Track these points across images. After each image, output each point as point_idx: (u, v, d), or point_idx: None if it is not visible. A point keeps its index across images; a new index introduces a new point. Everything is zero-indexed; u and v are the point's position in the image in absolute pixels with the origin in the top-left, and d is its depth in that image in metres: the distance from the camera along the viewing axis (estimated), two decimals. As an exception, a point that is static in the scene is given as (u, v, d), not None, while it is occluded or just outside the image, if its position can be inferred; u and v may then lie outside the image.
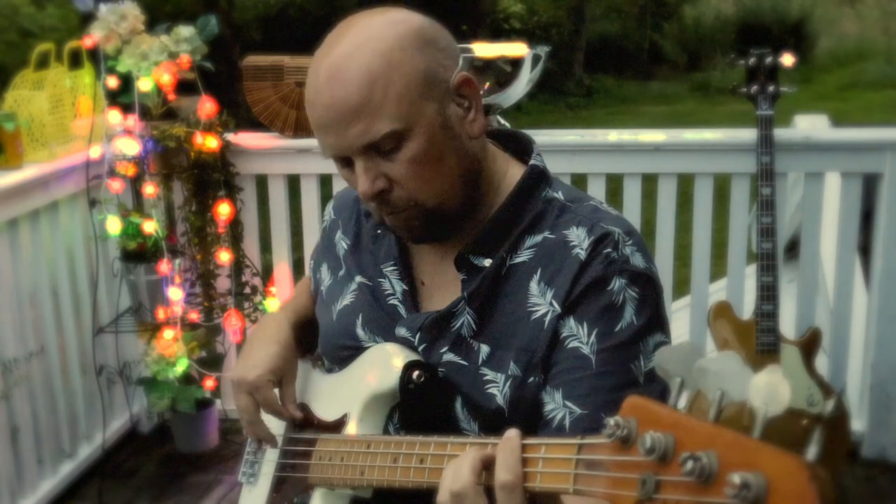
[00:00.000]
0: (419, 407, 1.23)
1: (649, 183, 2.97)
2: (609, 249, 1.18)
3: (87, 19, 2.87)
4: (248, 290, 3.07)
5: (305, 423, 1.39)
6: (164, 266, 2.87)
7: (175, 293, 2.88)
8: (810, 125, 3.86)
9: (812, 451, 0.70)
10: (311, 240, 3.14)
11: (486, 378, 1.20)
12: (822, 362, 2.82)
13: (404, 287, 1.30)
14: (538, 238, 1.23)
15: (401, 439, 1.16)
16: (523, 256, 1.22)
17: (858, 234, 2.90)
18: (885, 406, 2.97)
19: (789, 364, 2.64)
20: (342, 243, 1.43)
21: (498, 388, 1.19)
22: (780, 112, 2.71)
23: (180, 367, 2.93)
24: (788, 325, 2.86)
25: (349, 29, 1.17)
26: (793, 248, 3.28)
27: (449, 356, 1.23)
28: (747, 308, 2.81)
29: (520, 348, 1.19)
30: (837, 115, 5.03)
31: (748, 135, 2.78)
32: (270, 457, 1.43)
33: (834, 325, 2.96)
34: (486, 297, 1.22)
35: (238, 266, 3.03)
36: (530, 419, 1.18)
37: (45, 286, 2.82)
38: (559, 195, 1.26)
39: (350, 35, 1.16)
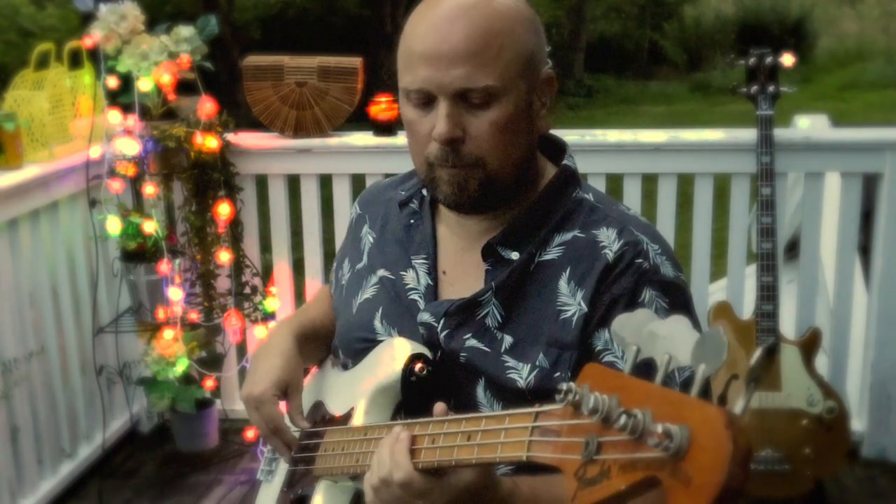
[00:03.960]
0: (422, 399, 1.24)
1: (649, 183, 2.97)
2: (640, 260, 1.21)
3: (87, 19, 2.87)
4: (248, 290, 3.07)
5: (319, 420, 1.41)
6: (164, 266, 2.87)
7: (175, 293, 2.88)
8: (810, 125, 3.85)
9: (738, 405, 0.72)
10: (311, 240, 3.14)
11: (507, 364, 1.23)
12: (822, 362, 2.82)
13: (429, 282, 1.32)
14: (567, 236, 1.26)
15: (392, 424, 1.17)
16: (552, 254, 1.25)
17: (858, 234, 2.91)
18: (885, 406, 2.97)
19: (789, 364, 2.64)
20: (368, 237, 1.44)
21: (519, 374, 1.22)
22: (780, 112, 2.72)
23: (180, 367, 2.93)
24: (788, 325, 2.86)
25: None
26: (793, 248, 3.28)
27: (472, 342, 1.25)
28: (747, 308, 2.82)
29: (548, 344, 1.21)
30: (837, 115, 5.03)
31: (748, 135, 2.78)
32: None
33: (834, 325, 2.96)
34: (513, 290, 1.25)
35: (238, 266, 3.03)
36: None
37: (45, 286, 2.81)
38: (589, 196, 1.30)
39: None
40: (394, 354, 1.27)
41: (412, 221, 1.37)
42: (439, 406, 1.11)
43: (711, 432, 0.69)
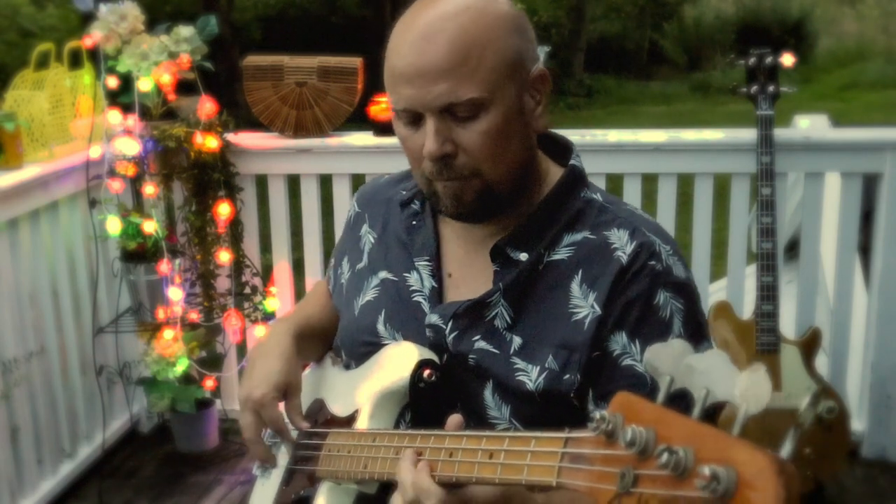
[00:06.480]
0: (429, 405, 1.23)
1: (649, 183, 2.97)
2: (653, 262, 1.21)
3: (87, 19, 2.87)
4: (248, 290, 3.07)
5: (320, 419, 1.40)
6: (164, 266, 2.87)
7: (175, 293, 2.88)
8: (810, 125, 3.85)
9: (786, 449, 0.71)
10: (311, 240, 3.14)
11: (516, 366, 1.22)
12: (822, 362, 2.82)
13: (433, 284, 1.31)
14: (578, 237, 1.25)
15: (404, 433, 1.16)
16: (562, 254, 1.24)
17: (858, 234, 2.91)
18: (885, 406, 2.97)
19: (789, 364, 2.64)
20: (369, 237, 1.43)
21: (528, 376, 1.21)
22: (780, 112, 2.71)
23: (180, 367, 2.93)
24: (788, 325, 2.86)
25: None
26: (793, 248, 3.28)
27: (481, 344, 1.24)
28: (747, 308, 2.81)
29: (558, 345, 1.21)
30: (837, 115, 5.02)
31: (748, 135, 2.78)
32: (285, 450, 1.44)
33: (834, 325, 2.96)
34: (521, 290, 1.24)
35: (238, 266, 3.03)
36: (560, 409, 1.21)
37: (45, 286, 2.82)
38: (597, 196, 1.29)
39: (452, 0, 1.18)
40: (401, 359, 1.26)
41: (414, 223, 1.35)
42: (454, 419, 1.09)
43: (761, 478, 0.67)
